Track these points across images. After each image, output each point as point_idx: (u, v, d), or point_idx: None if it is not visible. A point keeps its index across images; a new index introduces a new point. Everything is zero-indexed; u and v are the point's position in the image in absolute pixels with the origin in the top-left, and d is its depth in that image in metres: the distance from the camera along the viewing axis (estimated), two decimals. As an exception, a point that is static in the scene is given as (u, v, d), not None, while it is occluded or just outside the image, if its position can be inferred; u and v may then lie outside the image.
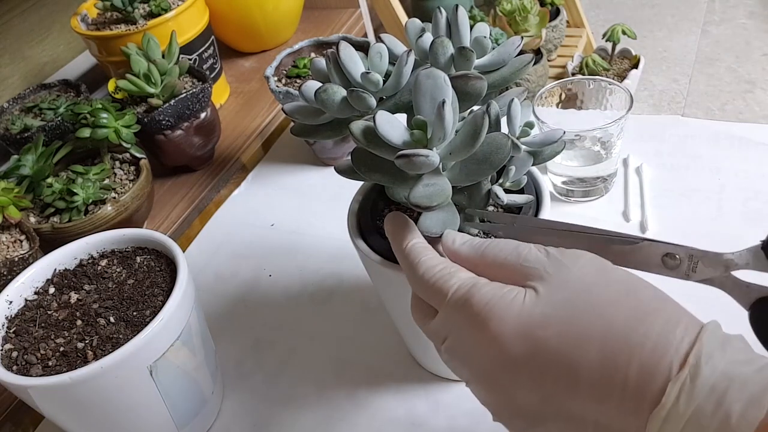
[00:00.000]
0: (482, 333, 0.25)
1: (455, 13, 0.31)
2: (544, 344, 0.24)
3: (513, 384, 0.24)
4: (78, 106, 0.56)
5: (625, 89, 0.50)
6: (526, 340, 0.24)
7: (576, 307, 0.24)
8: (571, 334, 0.23)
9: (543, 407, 0.24)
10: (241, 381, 0.44)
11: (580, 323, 0.23)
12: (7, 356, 0.35)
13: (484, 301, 0.25)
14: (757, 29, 1.78)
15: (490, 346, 0.25)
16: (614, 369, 0.22)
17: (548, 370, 0.23)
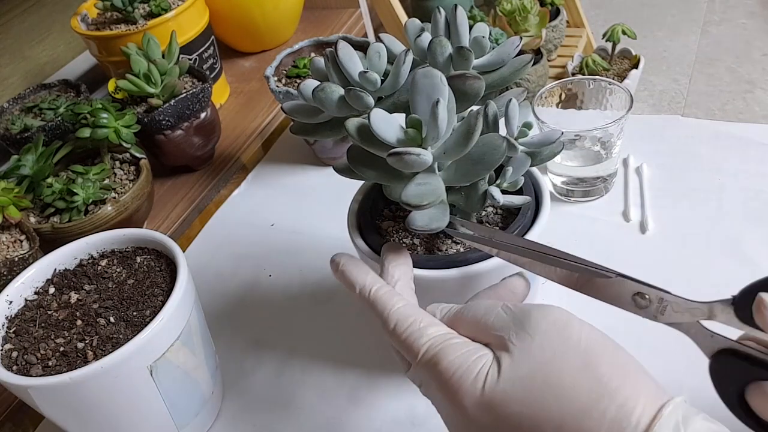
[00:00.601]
0: (449, 400, 0.26)
1: (454, 13, 0.31)
2: (504, 420, 0.24)
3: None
4: (78, 106, 0.56)
5: (625, 89, 0.50)
6: (489, 414, 0.25)
7: (534, 388, 0.24)
8: (528, 416, 0.24)
9: None
10: (241, 381, 0.44)
11: (538, 405, 0.24)
12: (7, 356, 0.35)
13: (450, 371, 0.26)
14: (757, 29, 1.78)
15: (456, 412, 0.26)
16: None
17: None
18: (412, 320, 0.28)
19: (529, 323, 0.26)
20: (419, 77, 0.28)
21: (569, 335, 0.25)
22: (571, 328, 0.25)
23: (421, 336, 0.28)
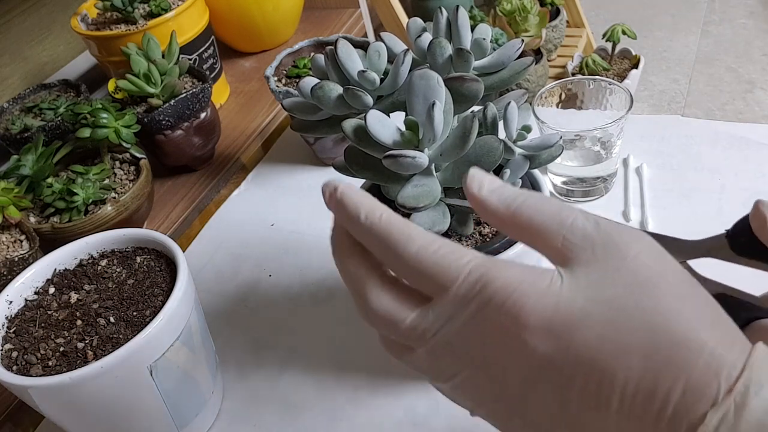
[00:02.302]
0: (502, 330, 0.20)
1: (455, 14, 0.31)
2: (579, 347, 0.20)
3: (531, 388, 0.21)
4: (78, 106, 0.56)
5: (625, 89, 0.50)
6: (559, 339, 0.20)
7: (624, 309, 0.20)
8: (613, 340, 0.20)
9: (558, 420, 0.21)
10: (241, 381, 0.44)
11: (626, 329, 0.20)
12: (7, 356, 0.35)
13: (510, 288, 0.20)
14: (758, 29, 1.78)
15: (511, 343, 0.20)
16: (656, 386, 0.19)
17: (577, 377, 0.20)
18: (442, 243, 0.22)
19: (622, 240, 0.21)
20: (416, 79, 0.28)
21: (666, 263, 0.21)
22: (667, 257, 0.21)
23: (461, 255, 0.21)
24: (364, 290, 0.23)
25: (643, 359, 0.19)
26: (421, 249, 0.22)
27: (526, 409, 0.21)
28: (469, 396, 0.22)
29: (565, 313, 0.20)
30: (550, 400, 0.21)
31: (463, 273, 0.21)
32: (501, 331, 0.21)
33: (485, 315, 0.21)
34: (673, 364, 0.19)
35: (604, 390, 0.20)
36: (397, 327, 0.22)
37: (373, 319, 0.23)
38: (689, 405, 0.19)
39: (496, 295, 0.21)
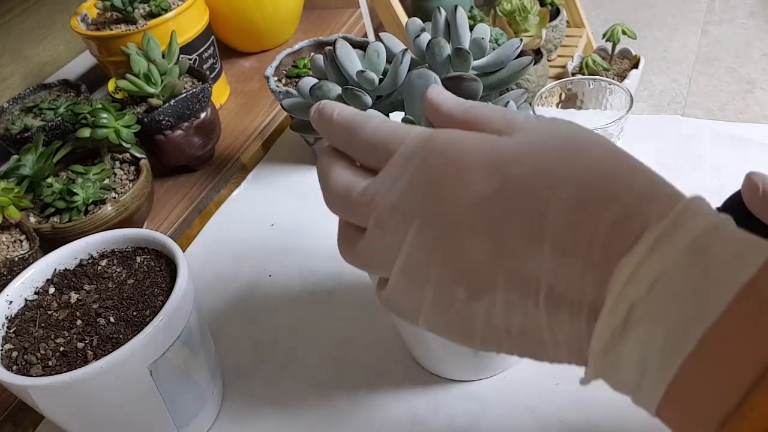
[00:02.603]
0: (446, 172, 0.21)
1: (454, 13, 0.31)
2: (513, 180, 0.21)
3: (468, 231, 0.21)
4: (78, 106, 0.56)
5: (625, 89, 0.50)
6: (494, 175, 0.21)
7: (558, 150, 0.21)
8: (546, 173, 0.20)
9: (494, 264, 0.21)
10: (241, 381, 0.44)
11: (560, 165, 0.20)
12: (7, 356, 0.35)
13: (453, 138, 0.22)
14: (758, 29, 1.78)
15: (451, 185, 0.21)
16: (587, 214, 0.19)
17: (512, 212, 0.20)
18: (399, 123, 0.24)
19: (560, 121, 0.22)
20: (414, 78, 0.28)
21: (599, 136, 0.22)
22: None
23: (413, 128, 0.24)
24: (327, 174, 0.25)
25: (576, 190, 0.20)
26: (378, 125, 0.24)
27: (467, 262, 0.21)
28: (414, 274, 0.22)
29: (501, 153, 0.21)
30: (486, 242, 0.21)
31: (411, 136, 0.23)
32: (443, 178, 0.22)
33: (428, 165, 0.22)
34: (606, 193, 0.20)
35: (538, 223, 0.20)
36: (350, 198, 0.24)
37: (333, 197, 0.24)
38: (623, 230, 0.19)
39: (438, 146, 0.22)
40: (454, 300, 0.22)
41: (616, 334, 0.19)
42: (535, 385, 0.40)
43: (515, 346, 0.22)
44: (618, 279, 0.19)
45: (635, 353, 0.19)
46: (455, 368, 0.40)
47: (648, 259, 0.18)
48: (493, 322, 0.21)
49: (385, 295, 0.24)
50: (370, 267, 0.25)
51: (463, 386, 0.40)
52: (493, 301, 0.21)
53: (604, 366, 0.20)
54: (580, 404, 0.38)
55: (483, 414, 0.39)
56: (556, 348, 0.21)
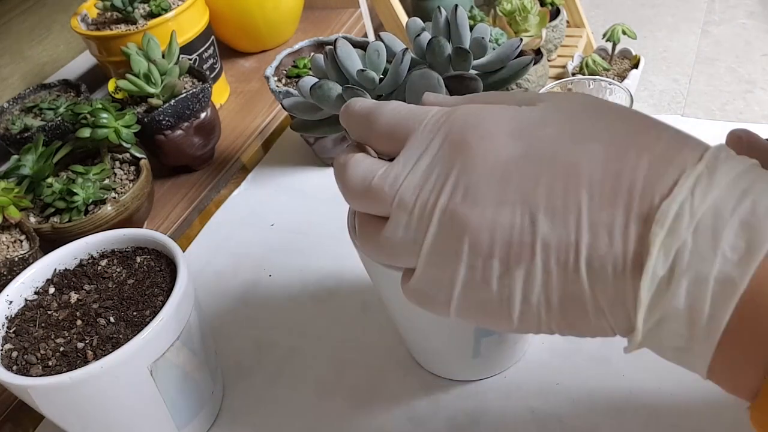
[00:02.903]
0: (468, 140, 0.21)
1: (454, 13, 0.31)
2: (540, 142, 0.20)
3: (499, 198, 0.20)
4: (78, 106, 0.56)
5: (625, 89, 0.50)
6: (520, 139, 0.21)
7: (581, 113, 0.21)
8: (573, 131, 0.20)
9: (530, 230, 0.20)
10: (241, 381, 0.44)
11: (585, 122, 0.20)
12: (7, 356, 0.35)
13: (473, 108, 0.22)
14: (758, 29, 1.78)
15: (477, 153, 0.21)
16: (622, 165, 0.19)
17: (543, 174, 0.20)
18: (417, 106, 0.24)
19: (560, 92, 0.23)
20: (416, 78, 0.28)
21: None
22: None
23: (431, 108, 0.23)
24: (345, 165, 0.24)
25: (606, 144, 0.20)
26: (395, 107, 0.24)
27: (502, 231, 0.20)
28: (445, 255, 0.22)
29: (525, 118, 0.21)
30: (522, 211, 0.20)
31: (430, 113, 0.23)
32: (467, 147, 0.21)
33: (451, 136, 0.22)
34: (637, 143, 0.20)
35: (572, 181, 0.20)
36: (370, 184, 0.23)
37: (352, 187, 0.23)
38: (659, 176, 0.19)
39: (460, 117, 0.22)
40: (489, 276, 0.21)
41: (664, 283, 0.18)
42: (535, 385, 0.40)
43: (555, 321, 0.21)
44: (661, 223, 0.18)
45: (684, 301, 0.18)
46: (455, 368, 0.40)
47: (690, 201, 0.18)
48: (531, 297, 0.20)
49: (412, 286, 0.23)
50: (394, 256, 0.23)
51: (463, 386, 0.40)
52: (530, 272, 0.20)
53: (652, 322, 0.19)
54: (580, 404, 0.38)
55: (483, 414, 0.39)
56: (599, 316, 0.20)
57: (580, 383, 0.39)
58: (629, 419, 0.37)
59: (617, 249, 0.19)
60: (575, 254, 0.19)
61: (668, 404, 0.37)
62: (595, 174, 0.19)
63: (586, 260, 0.19)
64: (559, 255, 0.20)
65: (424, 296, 0.23)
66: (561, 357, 0.41)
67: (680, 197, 0.18)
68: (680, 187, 0.18)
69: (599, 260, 0.19)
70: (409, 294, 0.24)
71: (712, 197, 0.18)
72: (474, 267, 0.21)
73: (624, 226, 0.19)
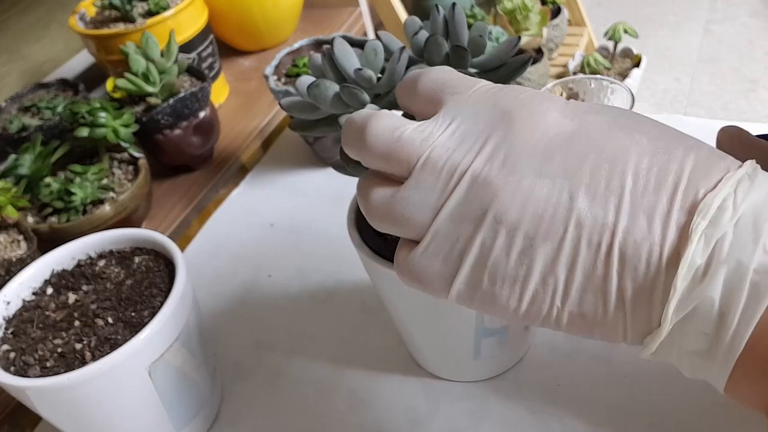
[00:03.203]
0: (518, 109, 0.21)
1: (452, 11, 0.31)
2: (591, 124, 0.20)
3: (541, 168, 0.20)
4: (76, 106, 0.56)
5: (627, 88, 0.50)
6: (572, 118, 0.21)
7: (622, 112, 0.21)
8: (621, 123, 0.20)
9: (567, 207, 0.19)
10: (241, 382, 0.44)
11: (631, 118, 0.21)
12: (5, 357, 0.35)
13: (524, 89, 0.22)
14: (760, 28, 1.78)
15: (525, 121, 0.20)
16: (669, 160, 0.19)
17: (591, 153, 0.20)
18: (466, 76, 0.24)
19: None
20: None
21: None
22: None
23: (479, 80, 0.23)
24: (370, 117, 0.22)
25: (652, 140, 0.20)
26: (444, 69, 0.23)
27: (537, 202, 0.20)
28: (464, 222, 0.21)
29: (575, 105, 0.21)
30: (563, 185, 0.20)
31: (481, 83, 0.22)
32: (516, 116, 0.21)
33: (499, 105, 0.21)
34: (683, 144, 0.20)
35: (619, 165, 0.19)
36: (398, 136, 0.22)
37: (375, 134, 0.22)
38: (705, 173, 0.19)
39: (511, 91, 0.21)
40: (510, 250, 0.20)
41: (700, 273, 0.18)
42: (535, 385, 0.39)
43: (568, 309, 0.20)
44: (704, 214, 0.18)
45: (720, 290, 0.18)
46: (455, 369, 0.40)
47: (733, 197, 0.18)
48: (549, 278, 0.20)
49: (413, 259, 0.22)
50: (403, 220, 0.22)
51: (463, 386, 0.40)
52: (557, 251, 0.19)
53: (680, 316, 0.18)
54: (580, 404, 0.38)
55: (483, 414, 0.39)
56: (618, 310, 0.19)
57: (580, 384, 0.39)
58: (630, 420, 0.37)
59: (655, 236, 0.19)
60: (610, 237, 0.19)
61: (669, 405, 0.37)
62: (642, 162, 0.19)
63: (620, 245, 0.19)
64: (592, 236, 0.19)
65: (423, 272, 0.22)
66: (561, 357, 0.41)
67: (724, 192, 0.18)
68: (725, 184, 0.19)
69: (634, 246, 0.19)
70: (405, 269, 0.22)
71: (754, 197, 0.18)
72: (494, 239, 0.20)
73: (665, 215, 0.19)
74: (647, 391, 0.38)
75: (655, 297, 0.19)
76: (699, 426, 0.36)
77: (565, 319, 0.20)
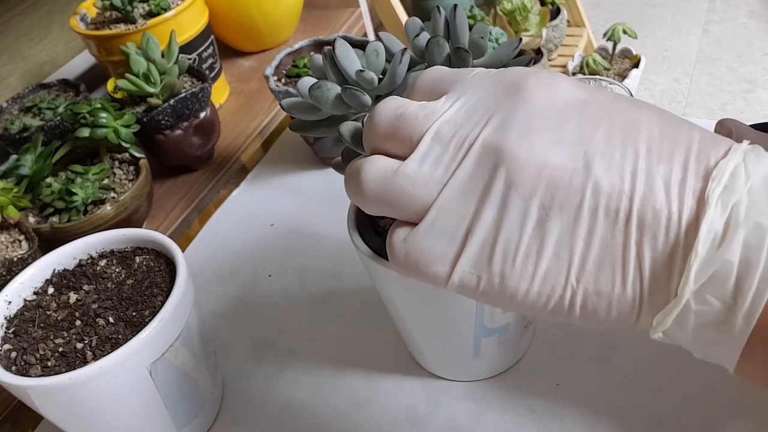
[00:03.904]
0: (525, 82, 0.20)
1: (453, 13, 0.31)
2: (600, 97, 0.20)
3: (555, 135, 0.19)
4: (77, 106, 0.56)
5: (626, 89, 0.50)
6: (581, 90, 0.20)
7: (628, 98, 0.21)
8: (627, 99, 0.21)
9: (583, 174, 0.19)
10: (241, 381, 0.44)
11: (637, 102, 0.21)
12: (6, 357, 0.35)
13: (523, 68, 0.21)
14: (758, 29, 1.78)
15: (535, 90, 0.20)
16: (678, 132, 0.19)
17: (603, 120, 0.20)
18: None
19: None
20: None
21: None
22: None
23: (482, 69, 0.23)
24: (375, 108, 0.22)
25: (659, 115, 0.20)
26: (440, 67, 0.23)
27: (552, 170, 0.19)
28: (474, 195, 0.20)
29: (578, 81, 0.21)
30: (577, 152, 0.19)
31: (478, 69, 0.22)
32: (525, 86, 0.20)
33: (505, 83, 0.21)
34: (685, 122, 0.20)
35: (632, 132, 0.19)
36: (405, 111, 0.21)
37: (382, 111, 0.22)
38: (713, 144, 0.19)
39: (515, 68, 0.21)
40: (524, 222, 0.19)
41: (718, 237, 0.18)
42: (535, 385, 0.40)
43: (583, 287, 0.19)
44: (719, 180, 0.18)
45: (740, 252, 0.18)
46: (455, 368, 0.40)
47: (744, 165, 0.18)
48: (564, 252, 0.19)
49: (412, 238, 0.21)
50: (406, 195, 0.21)
51: (463, 386, 0.40)
52: (574, 220, 0.19)
53: (701, 282, 0.18)
54: (580, 404, 0.38)
55: (483, 414, 0.39)
56: (636, 281, 0.19)
57: (580, 383, 0.39)
58: (629, 420, 0.37)
59: (673, 203, 0.19)
60: (628, 204, 0.19)
61: (669, 405, 0.37)
62: (654, 132, 0.19)
63: (638, 212, 0.19)
64: (610, 204, 0.19)
65: (424, 254, 0.21)
66: (561, 357, 0.41)
67: (735, 160, 0.19)
68: (734, 152, 0.19)
69: (653, 213, 0.18)
70: (403, 252, 0.21)
71: (764, 165, 0.18)
72: (506, 210, 0.19)
73: (681, 182, 0.19)
74: (647, 391, 0.38)
75: (675, 265, 0.18)
76: (699, 426, 0.36)
77: (579, 300, 0.19)
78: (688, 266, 0.18)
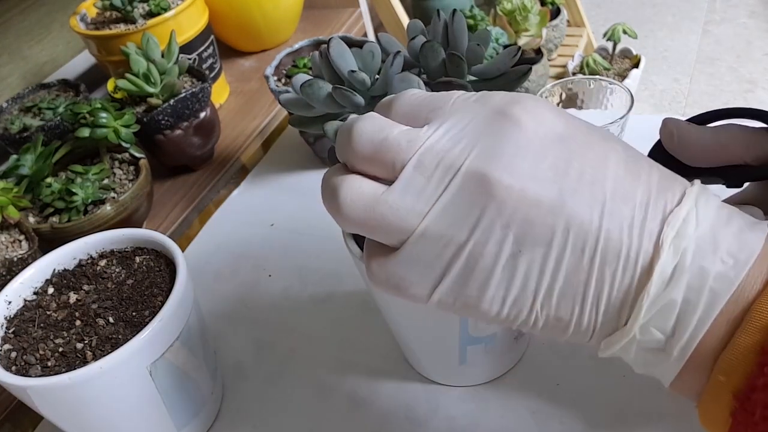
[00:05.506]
0: (510, 110, 0.21)
1: (452, 18, 0.31)
2: (576, 129, 0.21)
3: (533, 170, 0.20)
4: (77, 106, 0.56)
5: (626, 89, 0.50)
6: (560, 119, 0.21)
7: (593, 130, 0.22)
8: (599, 134, 0.22)
9: (557, 209, 0.20)
10: (241, 381, 0.44)
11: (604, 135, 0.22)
12: (6, 357, 0.35)
13: (503, 93, 0.22)
14: (758, 29, 1.78)
15: (517, 122, 0.20)
16: (639, 170, 0.21)
17: (577, 156, 0.20)
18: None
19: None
20: (396, 82, 0.27)
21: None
22: None
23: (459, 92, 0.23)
24: (355, 120, 0.22)
25: (624, 150, 0.22)
26: (416, 92, 0.23)
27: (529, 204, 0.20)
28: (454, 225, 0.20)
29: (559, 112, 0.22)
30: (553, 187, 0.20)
31: (457, 94, 0.22)
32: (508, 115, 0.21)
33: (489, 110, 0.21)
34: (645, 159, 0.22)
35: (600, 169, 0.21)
36: (386, 137, 0.21)
37: (361, 135, 0.22)
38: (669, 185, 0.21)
39: (498, 94, 0.22)
40: (498, 254, 0.20)
41: (665, 281, 0.20)
42: (535, 385, 0.40)
43: (546, 312, 0.21)
44: (672, 225, 0.20)
45: (683, 293, 0.20)
46: (444, 374, 0.40)
47: (695, 211, 0.20)
48: (531, 282, 0.20)
49: (388, 263, 0.21)
50: (387, 225, 0.21)
51: (463, 387, 0.40)
52: (543, 255, 0.20)
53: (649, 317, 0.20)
54: (580, 405, 0.38)
55: (483, 415, 0.39)
56: (592, 311, 0.21)
57: (580, 384, 0.39)
58: (630, 420, 0.37)
59: (633, 245, 0.20)
60: (594, 242, 0.20)
61: (669, 405, 0.37)
62: (620, 171, 0.21)
63: (602, 251, 0.20)
64: (577, 242, 0.20)
65: (403, 279, 0.21)
66: (561, 357, 0.41)
67: (688, 206, 0.20)
68: (688, 197, 0.21)
69: (614, 252, 0.20)
70: (382, 276, 0.22)
71: (711, 212, 0.20)
72: (484, 242, 0.20)
73: (641, 224, 0.20)
74: (647, 391, 0.38)
75: (627, 301, 0.20)
76: (698, 426, 0.36)
77: (541, 323, 0.21)
78: (639, 305, 0.20)
